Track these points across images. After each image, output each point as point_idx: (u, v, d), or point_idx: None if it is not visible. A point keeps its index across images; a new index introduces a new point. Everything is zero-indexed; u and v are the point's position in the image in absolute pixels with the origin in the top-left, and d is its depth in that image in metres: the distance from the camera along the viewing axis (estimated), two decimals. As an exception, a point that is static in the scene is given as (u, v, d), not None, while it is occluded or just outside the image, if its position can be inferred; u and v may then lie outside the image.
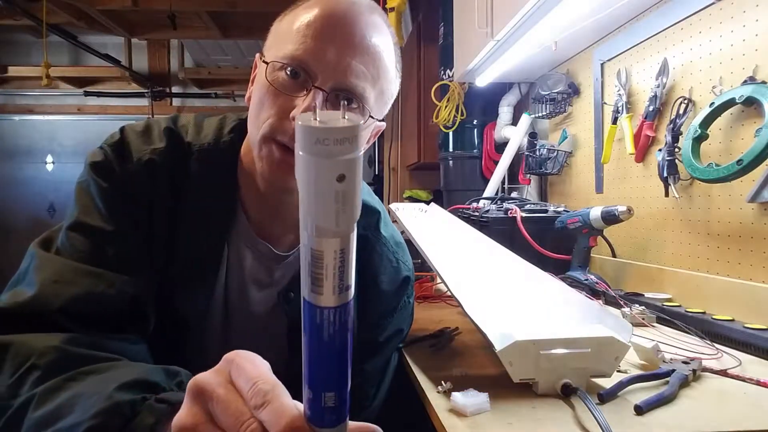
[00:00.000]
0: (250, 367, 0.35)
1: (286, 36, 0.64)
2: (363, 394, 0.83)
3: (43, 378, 0.51)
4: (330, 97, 0.63)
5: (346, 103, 0.64)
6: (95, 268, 0.62)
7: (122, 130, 0.72)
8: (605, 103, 1.51)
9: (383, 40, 0.67)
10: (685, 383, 0.72)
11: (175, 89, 4.94)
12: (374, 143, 6.01)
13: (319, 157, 0.26)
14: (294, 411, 0.33)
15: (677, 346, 0.88)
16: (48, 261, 0.62)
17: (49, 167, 5.15)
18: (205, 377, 0.36)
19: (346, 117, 0.27)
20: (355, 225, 0.28)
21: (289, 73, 0.63)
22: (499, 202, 1.66)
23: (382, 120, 0.72)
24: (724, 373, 0.77)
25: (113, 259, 0.63)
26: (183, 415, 0.36)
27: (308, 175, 0.26)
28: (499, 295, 0.90)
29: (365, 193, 0.85)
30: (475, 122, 2.23)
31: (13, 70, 4.58)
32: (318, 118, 0.26)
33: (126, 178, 0.67)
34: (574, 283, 1.23)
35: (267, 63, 0.64)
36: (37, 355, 0.53)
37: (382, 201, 3.65)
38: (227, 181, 0.73)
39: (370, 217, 0.83)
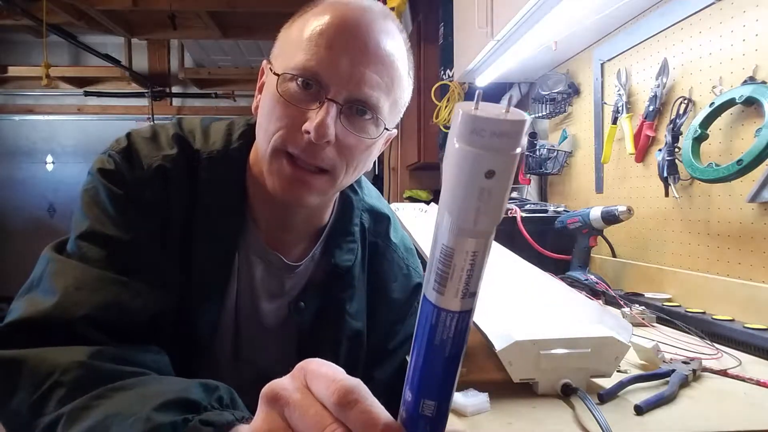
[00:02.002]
0: (326, 369, 0.33)
1: (297, 44, 0.61)
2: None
3: (69, 396, 0.48)
4: (344, 110, 0.61)
5: (359, 114, 0.62)
6: (120, 276, 0.59)
7: (129, 135, 0.69)
8: (605, 103, 1.51)
9: (397, 47, 0.64)
10: (685, 383, 0.71)
11: (175, 89, 4.94)
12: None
13: (470, 147, 0.24)
14: (386, 413, 0.30)
15: (677, 346, 0.88)
16: (68, 267, 0.59)
17: (49, 167, 5.15)
18: (279, 383, 0.34)
19: (510, 111, 0.24)
20: (495, 229, 0.26)
21: (300, 84, 0.60)
22: (499, 202, 1.66)
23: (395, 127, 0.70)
24: (724, 373, 0.77)
25: (131, 269, 0.61)
26: (259, 422, 0.34)
27: (455, 165, 0.24)
28: (499, 295, 0.90)
29: (374, 198, 0.84)
30: (475, 122, 2.23)
31: (13, 70, 4.58)
32: (479, 107, 0.24)
33: (138, 184, 0.64)
34: (574, 283, 1.23)
35: (278, 75, 0.62)
36: (60, 372, 0.50)
37: (382, 201, 3.52)
38: (236, 190, 0.70)
39: (380, 224, 0.82)
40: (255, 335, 0.76)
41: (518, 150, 0.24)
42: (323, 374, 0.33)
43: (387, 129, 0.66)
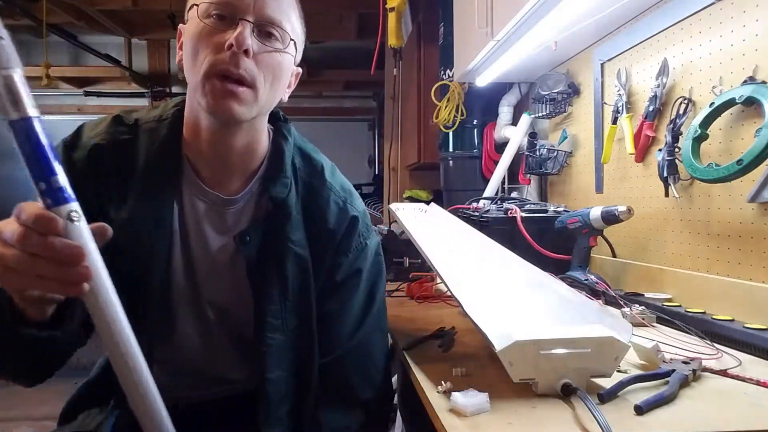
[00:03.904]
0: (25, 205, 0.51)
1: None
2: (333, 335, 0.87)
3: None
4: (255, 29, 0.74)
5: (270, 33, 0.75)
6: None
7: (81, 125, 0.84)
8: (605, 103, 1.51)
9: None
10: (685, 383, 0.72)
11: (175, 89, 4.94)
12: (374, 143, 6.00)
13: None
14: (37, 205, 0.50)
15: (677, 346, 0.88)
16: None
17: (49, 167, 5.13)
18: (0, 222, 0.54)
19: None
20: (13, 63, 0.48)
21: (216, 16, 0.72)
22: (499, 202, 1.66)
23: (299, 66, 0.85)
24: (724, 373, 0.77)
25: None
26: None
27: None
28: (499, 295, 0.90)
29: (311, 150, 0.93)
30: (475, 122, 2.23)
31: (13, 70, 4.57)
32: None
33: (70, 164, 0.78)
34: (574, 283, 1.23)
35: (197, 5, 0.73)
36: None
37: (382, 201, 3.60)
38: (173, 144, 0.82)
39: (313, 168, 0.90)
40: (209, 273, 0.84)
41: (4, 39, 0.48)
42: (23, 208, 0.51)
43: (293, 41, 0.78)
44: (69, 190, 0.50)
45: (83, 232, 0.51)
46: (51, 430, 0.92)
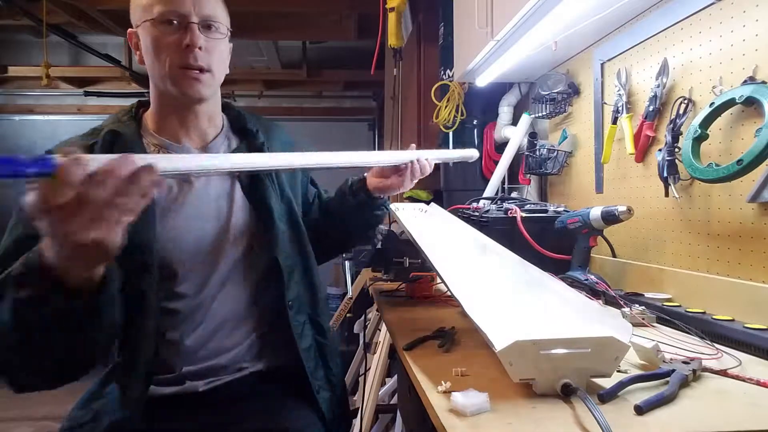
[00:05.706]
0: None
1: (148, 1, 0.94)
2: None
3: None
4: (200, 26, 0.94)
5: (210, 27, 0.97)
6: None
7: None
8: (605, 103, 1.51)
9: None
10: (685, 383, 0.72)
11: (175, 89, 4.93)
12: (374, 143, 6.00)
13: None
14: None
15: (677, 346, 0.88)
16: None
17: (49, 167, 5.12)
18: None
19: None
20: None
21: (167, 22, 0.93)
22: (499, 202, 1.66)
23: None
24: (724, 373, 0.77)
25: None
26: None
27: None
28: (499, 294, 0.90)
29: (253, 118, 1.17)
30: (475, 122, 2.23)
31: (13, 70, 4.58)
32: None
33: None
34: (574, 283, 1.23)
35: (152, 19, 0.93)
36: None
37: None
38: (134, 115, 1.06)
39: (264, 122, 1.17)
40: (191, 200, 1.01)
41: None
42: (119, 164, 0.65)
43: (230, 30, 1.02)
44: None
45: None
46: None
